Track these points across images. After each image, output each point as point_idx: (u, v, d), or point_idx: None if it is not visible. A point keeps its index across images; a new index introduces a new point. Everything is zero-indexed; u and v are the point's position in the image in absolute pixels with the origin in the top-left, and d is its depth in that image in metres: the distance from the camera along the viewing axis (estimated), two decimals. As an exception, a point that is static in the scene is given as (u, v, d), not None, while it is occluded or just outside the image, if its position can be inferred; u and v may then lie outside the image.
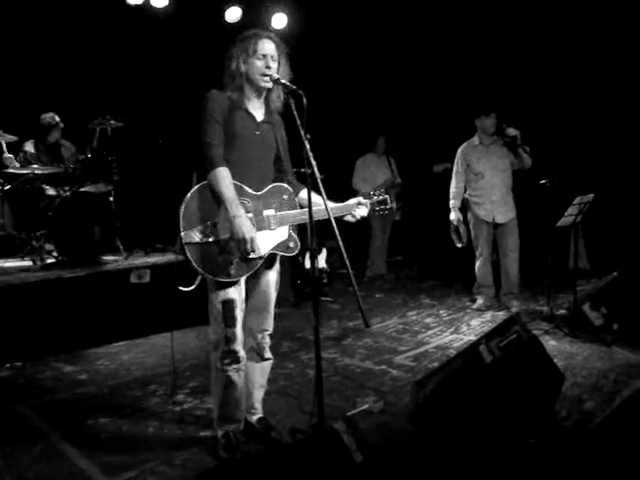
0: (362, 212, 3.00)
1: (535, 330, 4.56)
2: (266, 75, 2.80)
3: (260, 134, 2.90)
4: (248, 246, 2.67)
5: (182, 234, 2.65)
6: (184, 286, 2.80)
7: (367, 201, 3.05)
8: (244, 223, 2.66)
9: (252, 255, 2.72)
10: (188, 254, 2.66)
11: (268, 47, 2.82)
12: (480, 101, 5.86)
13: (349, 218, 2.98)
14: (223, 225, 2.71)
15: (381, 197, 3.09)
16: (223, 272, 2.72)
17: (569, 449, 2.79)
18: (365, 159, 7.53)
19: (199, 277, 2.80)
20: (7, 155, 5.82)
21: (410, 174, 7.34)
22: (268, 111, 2.96)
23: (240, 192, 2.76)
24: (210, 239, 2.70)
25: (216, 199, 2.71)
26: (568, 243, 6.30)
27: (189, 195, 2.70)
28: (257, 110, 2.92)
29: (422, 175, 7.01)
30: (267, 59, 2.80)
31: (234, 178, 2.74)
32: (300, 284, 6.29)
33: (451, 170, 5.86)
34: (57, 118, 6.20)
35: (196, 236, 2.68)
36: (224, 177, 2.70)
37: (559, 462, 2.70)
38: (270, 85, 2.84)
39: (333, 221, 2.48)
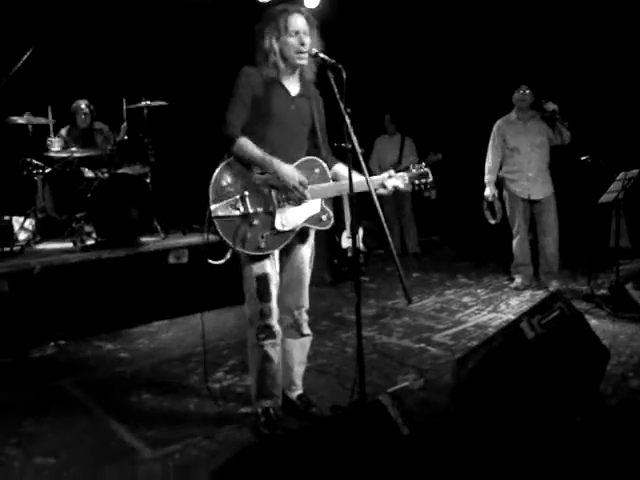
0: (394, 182, 2.88)
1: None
2: (302, 52, 2.76)
3: (295, 109, 2.87)
4: (300, 190, 2.71)
5: (211, 208, 2.67)
6: (215, 260, 2.81)
7: (404, 174, 2.94)
8: (287, 171, 2.69)
9: (305, 193, 2.73)
10: (218, 227, 2.67)
11: (300, 22, 2.77)
12: (516, 76, 5.74)
13: (381, 191, 2.87)
14: (253, 198, 2.71)
15: (421, 170, 2.95)
16: (254, 245, 2.72)
17: (615, 427, 2.74)
18: (379, 140, 7.63)
19: (230, 251, 2.81)
20: (51, 139, 5.92)
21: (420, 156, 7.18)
22: (303, 84, 2.93)
23: None
24: (239, 212, 2.70)
25: (244, 173, 2.72)
26: (609, 221, 6.14)
27: (217, 170, 2.72)
28: (292, 84, 2.89)
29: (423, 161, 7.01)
30: (300, 35, 2.75)
31: (269, 153, 2.72)
32: (337, 264, 6.27)
33: (442, 162, 5.80)
34: (82, 106, 6.25)
35: (226, 210, 2.68)
36: (247, 143, 2.71)
37: (605, 440, 2.66)
38: (306, 62, 2.80)
39: (374, 195, 2.44)
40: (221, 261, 2.81)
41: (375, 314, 5.05)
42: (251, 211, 2.71)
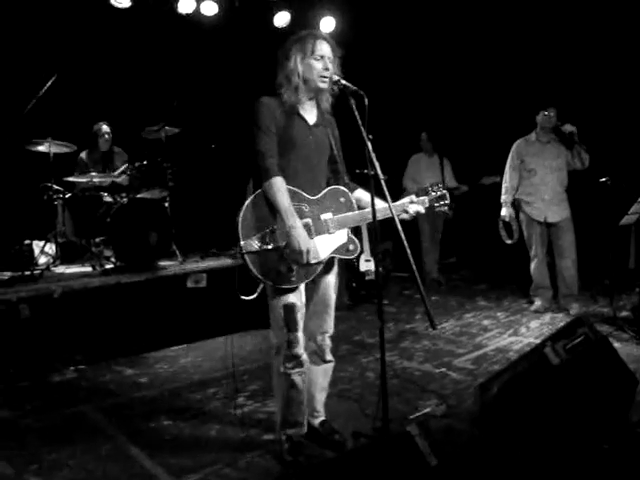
0: (416, 208, 2.93)
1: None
2: (324, 76, 2.78)
3: (313, 138, 2.88)
4: (304, 257, 2.67)
5: (242, 243, 2.65)
6: (245, 295, 2.80)
7: (424, 198, 2.98)
8: (300, 234, 2.65)
9: (311, 261, 2.72)
10: (249, 263, 2.66)
11: (325, 48, 2.80)
12: (540, 97, 5.74)
13: (404, 216, 2.91)
14: (281, 232, 2.70)
15: (439, 192, 3.00)
16: (284, 279, 2.71)
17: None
18: (416, 158, 7.41)
19: (261, 285, 2.80)
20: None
21: (461, 181, 7.21)
22: (320, 113, 2.95)
23: (297, 198, 2.76)
24: (269, 247, 2.69)
25: (272, 207, 2.71)
26: (628, 242, 6.09)
27: (246, 204, 2.70)
28: (309, 113, 2.90)
29: (470, 186, 6.99)
30: (325, 60, 2.78)
31: (289, 183, 2.73)
32: (355, 287, 6.25)
33: (500, 184, 5.77)
34: (104, 128, 6.35)
35: (255, 244, 2.67)
36: (279, 187, 2.68)
37: (634, 469, 2.61)
38: (327, 86, 2.82)
39: (397, 222, 2.45)
40: (253, 296, 2.80)
41: (395, 338, 5.02)
42: (281, 245, 2.70)
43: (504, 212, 5.63)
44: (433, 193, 3.00)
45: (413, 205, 2.92)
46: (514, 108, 6.69)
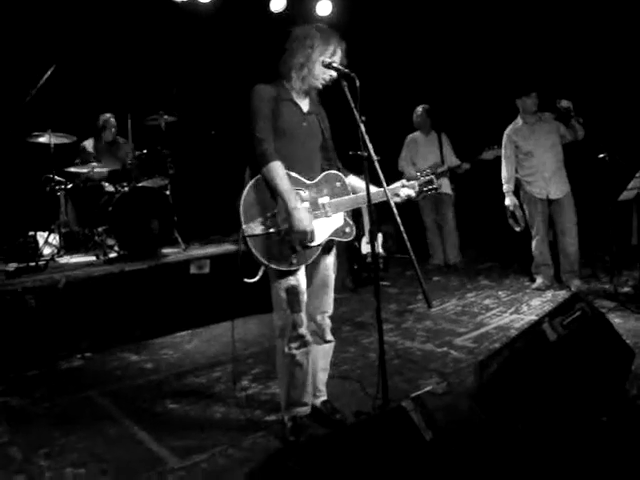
0: (407, 192, 3.00)
1: (599, 308, 4.45)
2: (325, 81, 2.85)
3: (307, 125, 2.93)
4: (307, 237, 2.72)
5: (243, 227, 2.69)
6: (248, 278, 2.85)
7: (414, 182, 3.06)
8: (302, 215, 2.69)
9: (311, 244, 2.76)
10: (251, 246, 2.70)
11: (340, 57, 2.84)
12: (521, 80, 5.72)
13: (395, 199, 2.95)
14: (282, 215, 2.74)
15: (427, 177, 3.09)
16: (286, 261, 2.76)
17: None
18: (412, 138, 6.99)
19: (262, 268, 2.85)
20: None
21: (460, 157, 6.79)
22: (311, 101, 2.99)
23: (295, 182, 2.80)
24: (271, 230, 2.74)
25: (272, 191, 2.74)
26: (629, 218, 6.10)
27: (246, 190, 2.74)
28: (302, 101, 2.95)
29: (470, 161, 6.49)
30: (334, 60, 2.81)
31: (286, 168, 2.76)
32: (357, 269, 6.29)
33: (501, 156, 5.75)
34: (112, 120, 6.39)
35: (257, 228, 2.71)
36: (278, 171, 2.71)
37: (632, 440, 2.64)
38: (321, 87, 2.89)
39: (393, 204, 2.49)
40: (255, 279, 2.85)
41: (397, 318, 5.07)
42: (282, 228, 2.74)
43: (508, 201, 5.63)
44: (421, 178, 3.08)
45: (404, 189, 2.99)
46: (510, 76, 6.62)
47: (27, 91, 5.49)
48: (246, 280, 2.85)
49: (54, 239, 5.80)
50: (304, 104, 2.95)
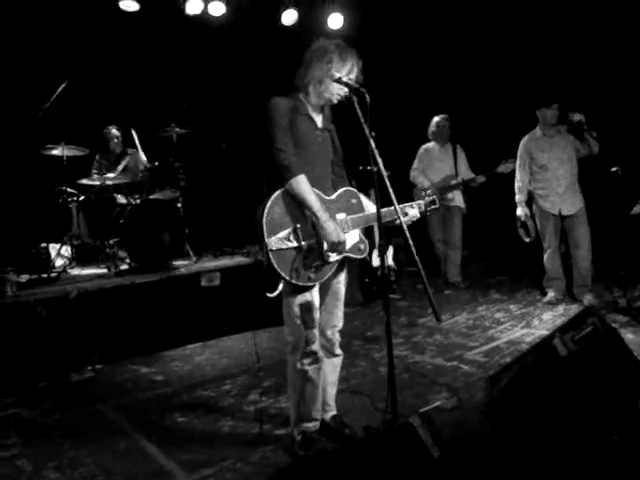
0: (414, 212, 3.04)
1: (611, 323, 4.41)
2: (340, 97, 2.85)
3: (321, 140, 2.95)
4: (341, 247, 2.76)
5: (266, 241, 2.69)
6: (269, 292, 2.84)
7: (420, 202, 3.11)
8: (335, 227, 2.74)
9: (334, 258, 2.79)
10: (272, 260, 2.70)
11: (355, 75, 2.85)
12: (541, 91, 5.69)
13: (404, 219, 2.91)
14: (304, 230, 2.75)
15: (430, 198, 3.16)
16: (305, 276, 2.77)
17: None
18: (426, 148, 6.69)
19: (282, 282, 2.84)
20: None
21: (475, 169, 6.61)
22: (325, 117, 3.00)
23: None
24: (293, 244, 2.74)
25: (295, 205, 2.75)
26: (643, 232, 6.05)
27: (269, 203, 2.72)
28: (317, 116, 2.96)
29: (486, 174, 6.28)
30: (350, 77, 2.82)
31: None
32: (368, 283, 6.28)
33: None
34: (114, 131, 6.46)
35: (280, 243, 2.71)
36: (305, 184, 2.72)
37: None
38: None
39: (402, 220, 2.50)
40: (275, 293, 2.85)
41: (407, 332, 5.04)
42: (303, 243, 2.75)
43: (519, 212, 5.61)
44: (427, 198, 3.16)
45: (412, 210, 3.04)
46: (527, 88, 6.58)
47: (40, 105, 5.56)
48: (269, 295, 2.85)
49: (66, 251, 5.84)
50: (319, 120, 2.96)
